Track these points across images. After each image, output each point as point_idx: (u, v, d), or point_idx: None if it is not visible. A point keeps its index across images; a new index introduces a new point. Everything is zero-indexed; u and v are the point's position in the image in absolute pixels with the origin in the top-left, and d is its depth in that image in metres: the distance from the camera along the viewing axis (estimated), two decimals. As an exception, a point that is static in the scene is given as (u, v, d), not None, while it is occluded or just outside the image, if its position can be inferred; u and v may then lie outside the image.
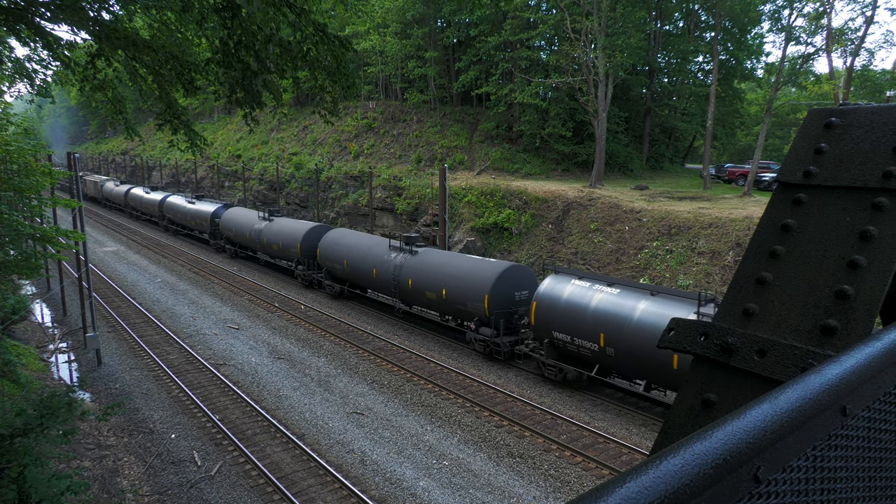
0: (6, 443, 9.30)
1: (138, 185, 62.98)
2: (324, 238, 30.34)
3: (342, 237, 29.48)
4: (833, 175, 1.66)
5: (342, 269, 28.61)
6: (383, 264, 25.68)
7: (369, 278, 26.83)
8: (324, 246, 29.89)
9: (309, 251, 31.39)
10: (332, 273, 29.85)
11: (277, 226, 34.11)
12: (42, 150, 22.81)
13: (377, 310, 28.64)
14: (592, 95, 35.61)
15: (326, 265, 29.84)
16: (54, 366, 22.36)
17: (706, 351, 1.53)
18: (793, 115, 61.96)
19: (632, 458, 15.06)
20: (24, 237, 16.82)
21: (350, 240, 28.82)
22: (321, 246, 30.11)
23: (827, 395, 0.84)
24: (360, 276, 27.52)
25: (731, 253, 24.02)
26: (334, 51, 9.78)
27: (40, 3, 9.92)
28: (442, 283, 22.80)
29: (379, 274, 25.95)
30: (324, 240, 30.21)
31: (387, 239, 27.04)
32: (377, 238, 28.33)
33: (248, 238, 36.65)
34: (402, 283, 24.62)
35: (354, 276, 28.03)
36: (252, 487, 13.86)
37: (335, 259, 28.83)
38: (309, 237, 31.28)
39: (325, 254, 29.75)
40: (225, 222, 39.89)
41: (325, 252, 29.73)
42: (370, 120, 49.79)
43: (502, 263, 21.70)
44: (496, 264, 21.63)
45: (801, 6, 31.74)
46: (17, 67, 14.54)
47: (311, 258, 31.56)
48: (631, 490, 0.60)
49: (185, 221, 46.98)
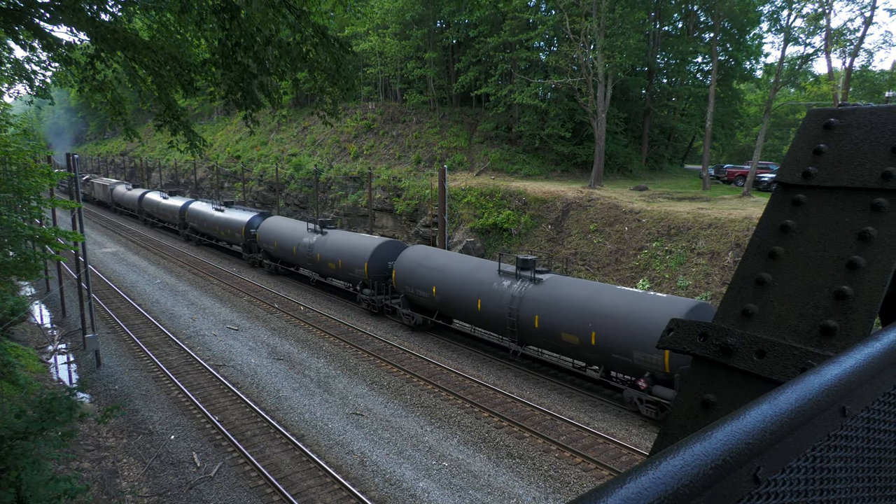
0: (5, 445, 9.29)
1: (154, 190, 58.39)
2: (400, 257, 25.34)
3: (426, 257, 24.30)
4: (832, 176, 1.67)
5: (428, 298, 23.53)
6: (493, 294, 20.63)
7: (472, 311, 21.55)
8: (401, 267, 24.83)
9: (379, 272, 26.39)
10: (412, 300, 24.79)
11: (334, 240, 29.19)
12: (41, 152, 22.80)
13: (481, 350, 22.98)
14: (592, 96, 35.63)
15: (406, 291, 24.61)
16: (53, 367, 22.35)
17: (705, 351, 1.53)
18: (792, 116, 62.03)
19: (631, 459, 15.06)
20: (24, 238, 16.82)
21: (438, 260, 23.63)
22: (397, 267, 25.03)
23: (826, 396, 0.84)
24: (457, 306, 22.36)
25: (731, 253, 24.03)
26: (334, 53, 9.79)
27: (39, 4, 9.92)
28: (588, 322, 17.44)
29: (486, 306, 20.77)
30: (400, 259, 25.25)
31: (494, 262, 22.01)
32: (478, 260, 23.15)
33: (296, 254, 31.84)
34: (523, 320, 19.47)
35: (447, 305, 22.88)
36: (252, 488, 13.85)
37: (419, 284, 23.60)
38: (379, 255, 26.37)
39: (403, 276, 24.59)
40: (264, 234, 35.06)
41: (403, 274, 24.59)
42: (369, 121, 49.80)
43: None
44: None
45: (800, 7, 31.79)
46: (17, 68, 14.54)
47: (382, 280, 26.61)
48: (630, 491, 0.60)
49: (213, 231, 41.96)
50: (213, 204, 42.90)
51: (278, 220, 35.28)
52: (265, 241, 35.02)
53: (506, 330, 20.22)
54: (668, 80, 47.71)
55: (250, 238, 37.28)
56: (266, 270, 36.61)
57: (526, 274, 20.01)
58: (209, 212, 41.96)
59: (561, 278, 19.78)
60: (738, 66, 44.63)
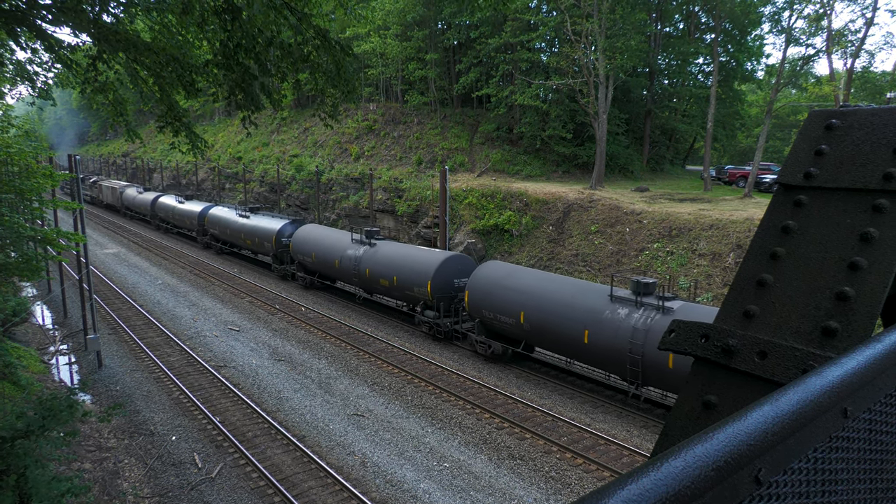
0: (7, 445, 9.30)
1: (168, 194, 54.67)
2: (475, 276, 21.65)
3: (507, 276, 20.61)
4: (834, 177, 1.66)
5: (513, 325, 19.93)
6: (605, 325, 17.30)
7: (574, 344, 18.18)
8: (476, 287, 21.25)
9: (445, 292, 23.17)
10: (490, 326, 21.39)
11: (387, 253, 25.73)
12: (43, 153, 22.82)
13: None
14: (593, 97, 35.64)
15: (483, 315, 21.20)
16: (55, 368, 22.37)
17: (707, 353, 1.53)
18: (793, 117, 61.97)
19: (633, 461, 15.05)
20: (25, 239, 16.83)
21: (526, 281, 19.98)
22: (471, 287, 21.50)
23: (828, 397, 0.84)
24: (553, 337, 18.95)
25: (732, 255, 24.01)
26: (335, 55, 9.80)
27: (42, 5, 9.94)
28: None
29: (596, 339, 17.46)
30: (475, 278, 21.53)
31: (601, 285, 19.46)
32: (579, 283, 19.64)
33: (339, 268, 28.46)
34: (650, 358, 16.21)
35: (539, 335, 19.50)
36: (253, 489, 13.85)
37: (500, 308, 20.30)
38: (444, 272, 22.89)
39: (479, 298, 21.11)
40: (299, 244, 31.64)
41: (479, 296, 21.10)
42: (371, 122, 49.84)
43: None
44: None
45: (801, 8, 31.78)
46: (19, 70, 14.57)
47: (448, 301, 23.33)
48: (632, 492, 0.60)
49: (237, 239, 38.71)
50: (236, 209, 39.62)
51: (315, 229, 31.94)
52: (300, 251, 31.58)
53: (623, 369, 16.83)
54: (669, 81, 47.71)
55: (281, 248, 33.82)
56: (300, 284, 33.29)
57: (650, 301, 16.76)
58: (231, 218, 38.73)
59: (693, 306, 16.49)
60: (739, 67, 44.62)
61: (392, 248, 26.04)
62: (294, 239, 32.15)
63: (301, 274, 32.64)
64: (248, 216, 37.14)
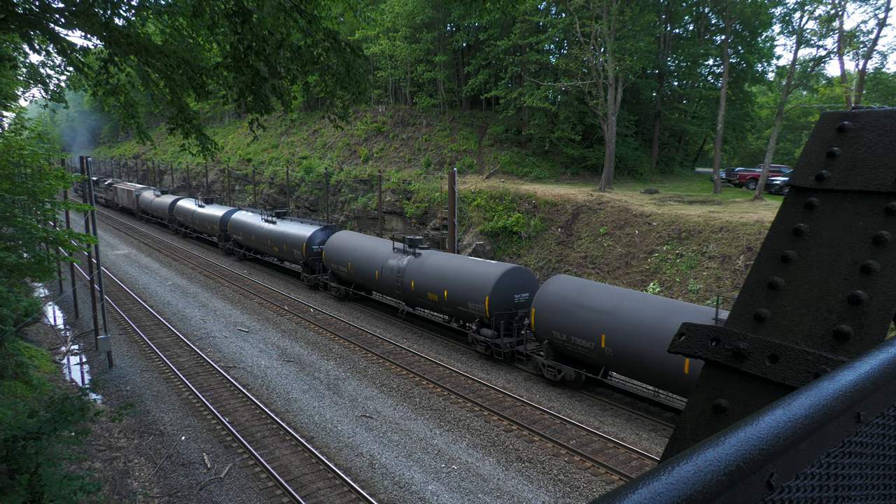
0: (19, 444, 9.40)
1: (187, 197, 53.76)
2: (542, 293, 19.48)
3: (580, 293, 18.54)
4: (846, 179, 1.65)
5: (592, 350, 17.83)
6: None
7: (672, 374, 15.74)
8: (545, 306, 19.07)
9: (504, 308, 21.00)
10: (561, 350, 19.09)
11: (435, 265, 23.55)
12: (55, 154, 23.05)
13: None
14: (602, 99, 35.55)
15: (553, 337, 18.86)
16: (66, 368, 22.56)
17: (717, 356, 1.52)
18: (804, 119, 61.56)
19: (642, 464, 14.97)
20: (38, 240, 17.00)
21: (605, 300, 17.92)
22: (538, 305, 19.33)
23: (841, 402, 0.84)
24: (643, 364, 16.58)
25: (742, 257, 23.86)
26: (345, 57, 9.83)
27: (55, 9, 10.05)
28: None
29: None
30: (543, 295, 19.38)
31: (697, 305, 18.19)
32: (669, 302, 17.31)
33: (379, 279, 26.19)
34: None
35: (625, 361, 17.18)
36: (261, 490, 13.89)
37: (575, 330, 18.08)
38: (504, 287, 20.94)
39: (548, 318, 18.93)
40: (332, 252, 29.65)
41: (548, 315, 18.95)
42: (380, 124, 49.98)
43: None
44: None
45: (812, 9, 31.56)
46: (32, 72, 14.73)
47: (508, 319, 21.34)
48: (643, 496, 0.60)
49: (262, 246, 36.65)
50: (262, 214, 37.56)
51: (351, 237, 29.86)
52: (335, 260, 29.44)
53: None
54: (678, 83, 47.52)
55: (313, 256, 31.71)
56: (332, 295, 31.14)
57: None
58: (257, 223, 36.68)
59: None
60: (749, 68, 44.36)
61: (440, 259, 23.78)
62: (327, 247, 30.20)
63: (334, 284, 30.41)
64: (275, 221, 35.30)
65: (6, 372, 17.35)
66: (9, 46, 14.00)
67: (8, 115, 22.68)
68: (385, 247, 26.79)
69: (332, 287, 30.74)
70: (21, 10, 9.80)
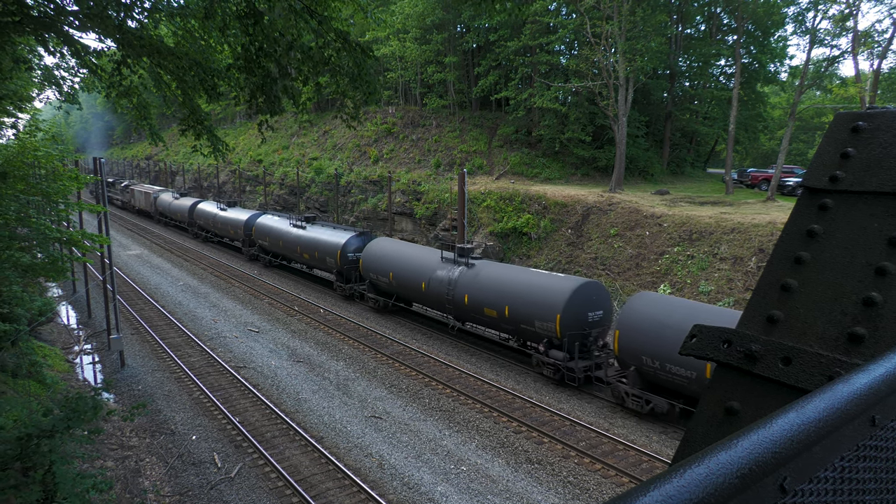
0: (33, 442, 9.50)
1: (208, 200, 52.44)
2: (627, 311, 17.61)
3: (671, 313, 16.59)
4: (860, 180, 1.63)
5: (693, 380, 15.98)
6: None
7: None
8: (630, 326, 17.28)
9: (576, 327, 19.02)
10: (652, 378, 17.14)
11: (493, 277, 21.68)
12: (69, 156, 23.29)
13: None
14: (612, 100, 35.42)
15: (642, 363, 17.01)
16: (79, 367, 22.77)
17: (729, 358, 1.51)
18: (818, 119, 61.01)
19: (652, 467, 14.88)
20: (52, 240, 17.19)
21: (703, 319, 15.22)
22: (623, 325, 17.50)
23: (855, 405, 0.83)
24: None
25: (754, 259, 23.68)
26: (356, 58, 9.88)
27: (69, 11, 10.16)
28: None
29: None
30: (629, 314, 17.52)
31: None
32: None
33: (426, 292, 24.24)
34: None
35: None
36: (271, 490, 13.95)
37: (669, 356, 16.14)
38: (576, 304, 18.87)
39: (634, 339, 17.09)
40: (370, 260, 27.70)
41: (633, 335, 17.12)
42: (389, 125, 50.08)
43: None
44: None
45: (826, 8, 31.28)
46: (46, 74, 14.90)
47: (582, 339, 19.27)
48: (654, 498, 0.59)
49: (290, 252, 34.71)
50: (290, 218, 36.17)
51: (391, 244, 28.13)
52: (374, 270, 27.46)
53: None
54: (690, 83, 47.26)
55: (348, 264, 29.82)
56: (370, 306, 29.21)
57: None
58: (286, 228, 35.12)
59: None
60: (762, 68, 44.04)
61: (499, 271, 21.85)
62: (365, 254, 28.32)
63: (372, 295, 28.45)
64: (305, 226, 33.75)
65: (20, 371, 17.55)
66: (24, 49, 14.17)
67: (23, 116, 22.95)
68: (432, 255, 25.05)
69: (369, 298, 28.75)
70: (36, 12, 9.92)
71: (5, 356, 16.61)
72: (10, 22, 9.51)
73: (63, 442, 10.07)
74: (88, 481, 10.33)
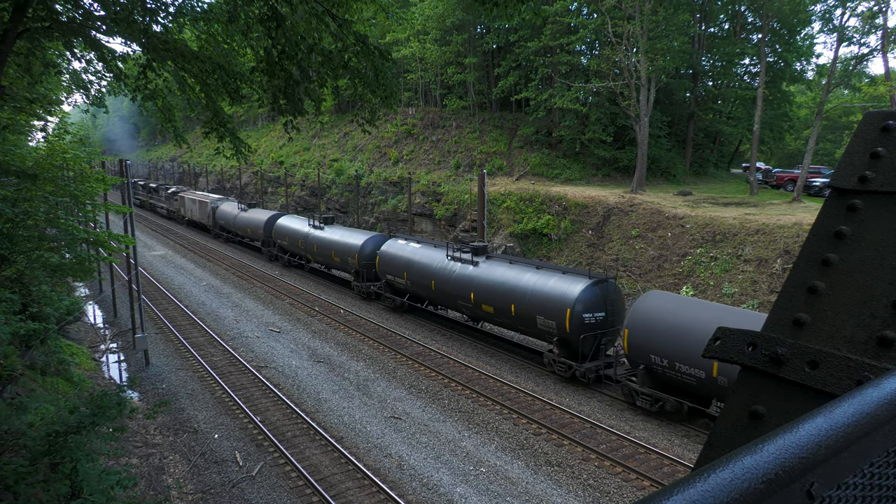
0: (61, 439, 9.70)
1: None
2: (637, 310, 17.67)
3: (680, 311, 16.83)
4: (891, 180, 1.60)
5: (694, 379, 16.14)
6: None
7: None
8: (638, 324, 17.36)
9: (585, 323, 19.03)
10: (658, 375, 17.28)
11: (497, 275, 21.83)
12: (96, 158, 23.76)
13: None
14: (634, 100, 35.11)
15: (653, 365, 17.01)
16: (105, 365, 23.21)
17: (754, 361, 1.49)
18: (845, 119, 59.85)
19: (674, 470, 14.70)
20: (79, 241, 17.54)
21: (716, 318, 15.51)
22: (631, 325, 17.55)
23: (885, 410, 0.81)
24: None
25: (780, 261, 23.27)
26: (374, 61, 9.94)
27: (97, 17, 10.37)
28: None
29: None
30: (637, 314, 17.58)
31: None
32: None
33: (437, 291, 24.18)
34: None
35: None
36: (291, 489, 14.07)
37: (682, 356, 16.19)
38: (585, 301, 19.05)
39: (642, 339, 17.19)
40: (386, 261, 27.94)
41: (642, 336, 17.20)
42: (409, 126, 50.24)
43: None
44: None
45: (854, 5, 30.66)
46: (74, 79, 15.23)
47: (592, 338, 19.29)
48: (678, 503, 0.58)
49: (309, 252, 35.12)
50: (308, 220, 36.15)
51: (405, 245, 28.08)
52: (389, 271, 28.36)
53: None
54: (713, 83, 46.64)
55: (365, 263, 30.45)
56: (386, 306, 29.69)
57: None
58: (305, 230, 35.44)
59: None
60: (787, 67, 43.28)
61: (507, 269, 21.79)
62: (381, 255, 28.87)
63: (388, 295, 28.93)
64: (323, 227, 34.40)
65: (49, 369, 17.94)
66: (53, 54, 14.50)
67: (52, 119, 23.48)
68: (442, 255, 25.22)
69: (385, 297, 29.25)
70: (65, 18, 10.14)
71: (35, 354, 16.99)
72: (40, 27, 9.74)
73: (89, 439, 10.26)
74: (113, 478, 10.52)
